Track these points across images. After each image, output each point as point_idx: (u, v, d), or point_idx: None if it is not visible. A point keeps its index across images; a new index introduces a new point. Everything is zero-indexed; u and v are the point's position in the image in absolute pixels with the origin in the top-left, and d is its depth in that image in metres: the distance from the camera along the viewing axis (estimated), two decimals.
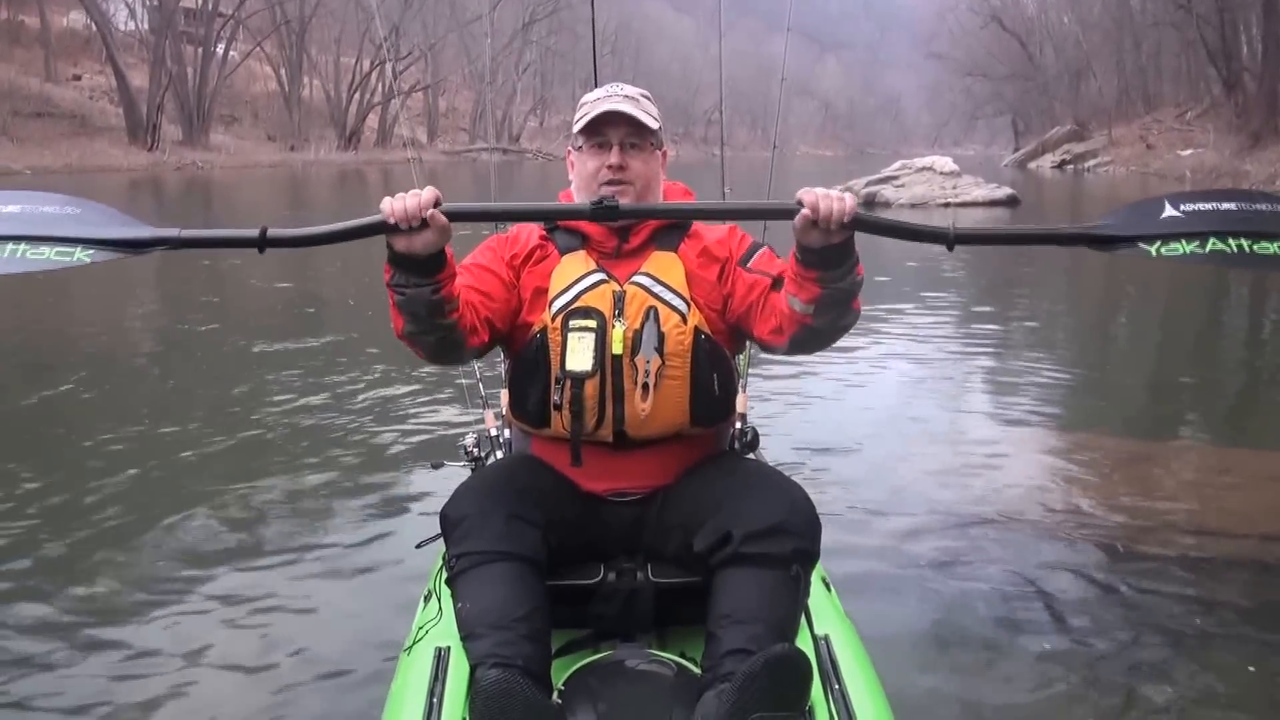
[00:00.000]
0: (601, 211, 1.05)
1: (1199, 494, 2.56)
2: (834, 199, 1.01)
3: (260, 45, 32.72)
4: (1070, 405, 3.56)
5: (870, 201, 13.31)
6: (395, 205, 1.02)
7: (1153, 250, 1.07)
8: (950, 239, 1.03)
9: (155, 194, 16.74)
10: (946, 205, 12.95)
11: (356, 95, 34.97)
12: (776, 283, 1.16)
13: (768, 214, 1.13)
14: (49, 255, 1.05)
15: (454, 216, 1.03)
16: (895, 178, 13.93)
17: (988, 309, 5.69)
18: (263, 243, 1.03)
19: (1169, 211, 1.10)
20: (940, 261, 6.89)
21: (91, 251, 1.06)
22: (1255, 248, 1.06)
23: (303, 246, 1.06)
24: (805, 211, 1.01)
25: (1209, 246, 1.07)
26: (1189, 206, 1.11)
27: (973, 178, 13.93)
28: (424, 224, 1.02)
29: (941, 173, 13.89)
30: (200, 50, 29.62)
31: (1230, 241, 1.07)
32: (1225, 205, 1.11)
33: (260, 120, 33.82)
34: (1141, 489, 2.55)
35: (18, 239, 1.06)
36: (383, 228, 1.03)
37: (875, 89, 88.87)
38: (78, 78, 29.25)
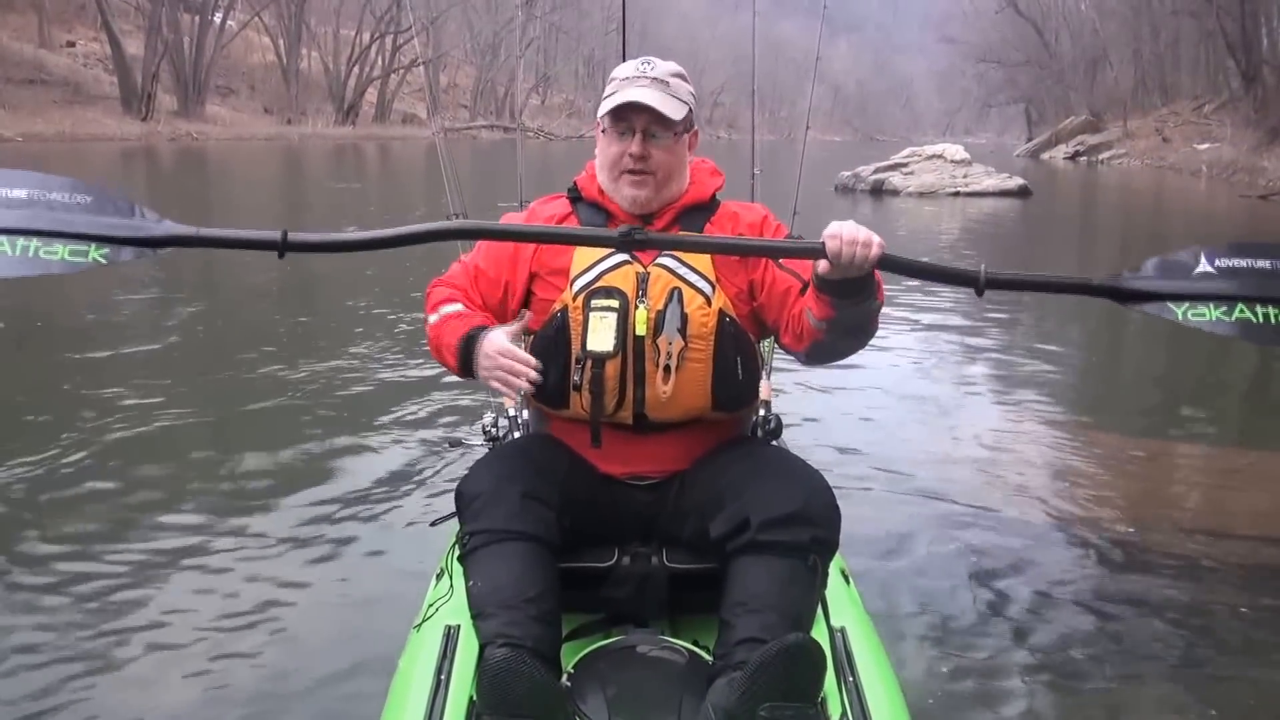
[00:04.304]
0: (628, 242, 1.06)
1: (1214, 494, 2.55)
2: (859, 245, 0.97)
3: (259, 15, 32.15)
4: (1098, 408, 3.53)
5: (878, 189, 13.18)
6: (509, 386, 1.12)
7: (1180, 313, 1.00)
8: (980, 283, 1.03)
9: (149, 165, 16.54)
10: (956, 194, 12.80)
11: (356, 68, 34.47)
12: (806, 287, 1.13)
13: (791, 253, 1.10)
14: (62, 255, 0.94)
15: (491, 235, 1.12)
16: (904, 165, 13.77)
17: (1007, 306, 5.65)
18: (284, 246, 1.01)
19: (1203, 266, 1.02)
20: (963, 260, 6.83)
21: (106, 251, 0.97)
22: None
23: (326, 252, 1.07)
24: (824, 263, 0.99)
25: (1235, 314, 0.99)
26: (1225, 262, 1.02)
27: (983, 167, 13.77)
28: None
29: (952, 161, 13.72)
30: (197, 18, 29.09)
31: (1259, 310, 0.99)
32: (1261, 263, 1.01)
33: (257, 92, 33.30)
34: (1152, 489, 2.54)
35: (29, 233, 0.93)
36: (413, 239, 1.03)
37: (886, 73, 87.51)
38: (72, 44, 28.74)
